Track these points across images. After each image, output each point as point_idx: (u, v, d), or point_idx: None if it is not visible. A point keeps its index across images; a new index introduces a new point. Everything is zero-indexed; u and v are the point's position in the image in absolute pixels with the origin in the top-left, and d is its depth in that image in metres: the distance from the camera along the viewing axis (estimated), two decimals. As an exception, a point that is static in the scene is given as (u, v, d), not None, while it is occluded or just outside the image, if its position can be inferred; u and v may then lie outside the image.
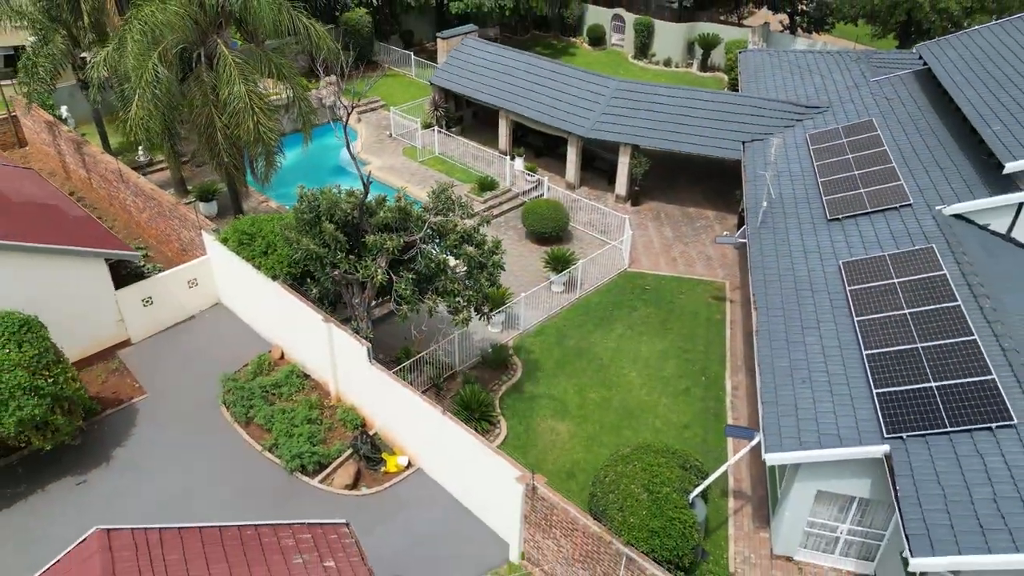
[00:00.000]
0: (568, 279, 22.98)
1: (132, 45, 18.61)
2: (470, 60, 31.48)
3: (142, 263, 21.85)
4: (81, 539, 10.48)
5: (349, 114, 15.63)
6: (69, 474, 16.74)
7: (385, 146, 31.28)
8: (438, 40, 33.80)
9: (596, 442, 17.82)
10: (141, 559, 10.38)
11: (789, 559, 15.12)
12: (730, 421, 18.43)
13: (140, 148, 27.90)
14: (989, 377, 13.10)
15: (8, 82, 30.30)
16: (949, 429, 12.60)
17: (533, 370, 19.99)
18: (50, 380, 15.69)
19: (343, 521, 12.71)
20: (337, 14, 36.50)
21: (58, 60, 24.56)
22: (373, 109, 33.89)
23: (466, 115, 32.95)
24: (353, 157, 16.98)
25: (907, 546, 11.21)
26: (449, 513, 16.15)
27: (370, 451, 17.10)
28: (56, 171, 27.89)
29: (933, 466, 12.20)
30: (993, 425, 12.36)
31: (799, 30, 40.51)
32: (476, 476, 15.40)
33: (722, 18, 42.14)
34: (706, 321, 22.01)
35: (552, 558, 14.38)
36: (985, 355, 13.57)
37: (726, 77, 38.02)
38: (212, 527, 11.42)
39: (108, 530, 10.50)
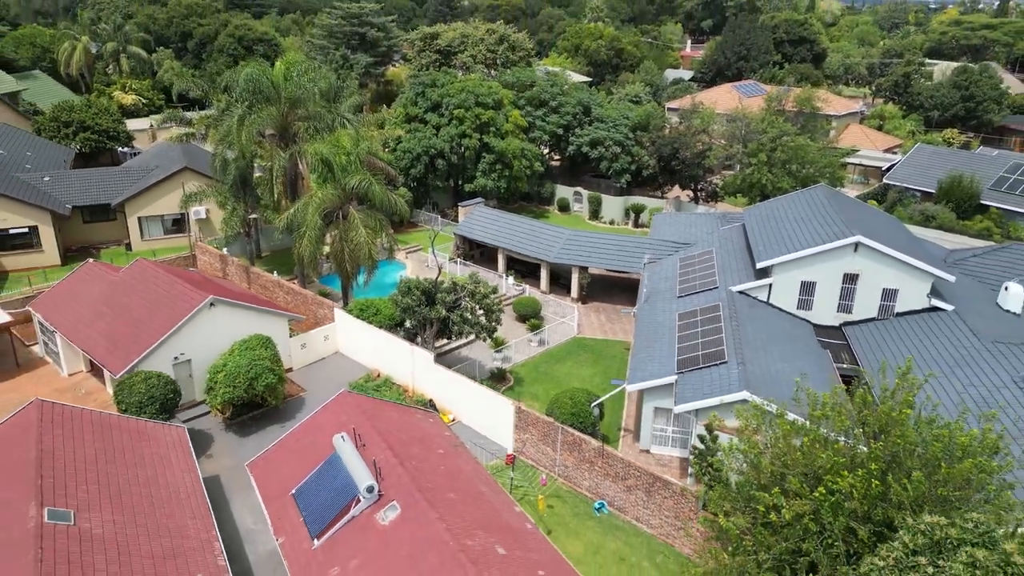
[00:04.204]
0: (540, 339, 39.21)
1: (311, 210, 36.12)
2: (479, 219, 49.58)
3: (292, 328, 37.91)
4: (332, 397, 25.96)
5: (436, 235, 32.64)
6: (276, 424, 31.94)
7: (424, 272, 48.37)
8: (458, 208, 52.23)
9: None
10: (358, 405, 25.77)
11: (647, 451, 30.26)
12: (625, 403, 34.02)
13: (275, 272, 44.98)
14: (721, 348, 29.25)
15: (174, 236, 48.08)
16: (702, 366, 28.57)
17: (520, 381, 35.74)
18: (277, 368, 31.51)
19: (433, 412, 28.23)
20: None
21: (241, 220, 42.35)
22: (415, 251, 51.49)
23: (476, 253, 50.57)
24: (435, 254, 33.94)
25: (675, 404, 26.85)
26: (474, 437, 31.28)
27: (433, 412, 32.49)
28: (222, 286, 44.66)
29: (691, 381, 28.02)
30: (718, 363, 28.35)
31: (700, 201, 59.53)
32: (489, 414, 30.79)
33: (649, 194, 61.44)
34: (620, 360, 38.02)
35: (527, 443, 29.56)
36: (724, 341, 29.75)
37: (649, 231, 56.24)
38: (382, 401, 26.94)
39: (347, 392, 26.02)
